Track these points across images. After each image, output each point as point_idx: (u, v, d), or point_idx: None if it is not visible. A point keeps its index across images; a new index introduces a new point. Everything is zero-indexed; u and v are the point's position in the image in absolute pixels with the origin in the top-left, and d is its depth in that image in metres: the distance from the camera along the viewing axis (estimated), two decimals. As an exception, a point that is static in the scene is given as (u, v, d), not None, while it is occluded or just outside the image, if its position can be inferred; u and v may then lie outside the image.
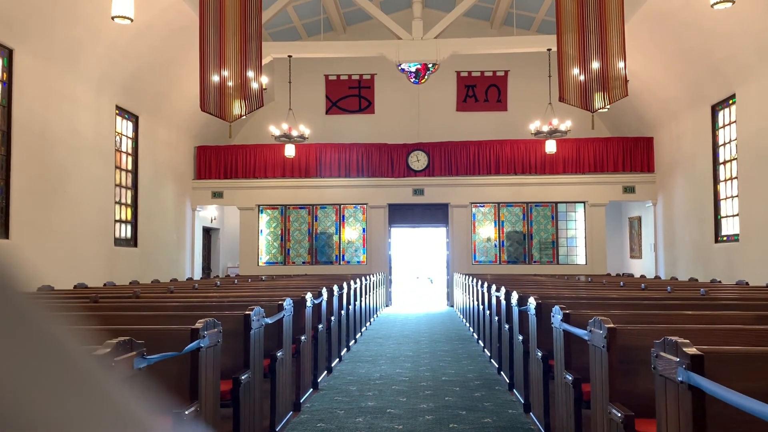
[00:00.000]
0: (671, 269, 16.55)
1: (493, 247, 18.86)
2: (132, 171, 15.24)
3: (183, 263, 17.78)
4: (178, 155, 17.63)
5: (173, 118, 16.78)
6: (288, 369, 5.54)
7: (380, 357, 9.32)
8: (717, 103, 14.27)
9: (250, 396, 4.29)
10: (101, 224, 13.48)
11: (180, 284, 10.28)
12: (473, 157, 18.39)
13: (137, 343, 2.66)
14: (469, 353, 9.68)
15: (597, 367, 3.36)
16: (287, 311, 5.36)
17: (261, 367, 4.60)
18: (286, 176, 18.53)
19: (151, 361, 2.65)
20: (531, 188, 18.36)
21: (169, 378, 3.37)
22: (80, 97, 12.62)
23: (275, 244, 19.10)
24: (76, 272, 11.86)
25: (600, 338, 3.25)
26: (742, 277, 12.45)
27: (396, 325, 13.96)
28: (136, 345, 2.63)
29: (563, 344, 4.14)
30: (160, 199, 16.47)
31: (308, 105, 19.24)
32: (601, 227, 18.36)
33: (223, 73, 7.24)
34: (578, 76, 6.96)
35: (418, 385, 7.21)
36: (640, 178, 18.06)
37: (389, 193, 18.60)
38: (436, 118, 19.45)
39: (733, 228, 13.84)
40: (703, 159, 14.91)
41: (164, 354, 2.84)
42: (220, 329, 3.66)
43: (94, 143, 13.20)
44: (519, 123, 18.51)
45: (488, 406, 6.13)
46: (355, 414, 5.83)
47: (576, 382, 3.87)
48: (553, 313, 4.44)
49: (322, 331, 7.43)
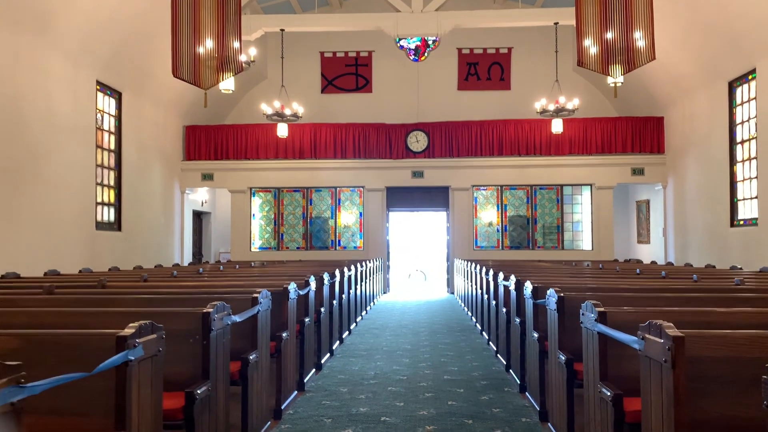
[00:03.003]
0: (682, 255, 15.77)
1: (496, 232, 18.08)
2: (115, 151, 14.40)
3: (171, 248, 16.98)
4: (166, 135, 16.77)
5: (160, 95, 15.90)
6: (265, 373, 4.76)
7: (376, 351, 8.54)
8: (735, 79, 13.42)
9: (210, 412, 3.50)
10: (80, 207, 12.66)
11: (157, 272, 9.49)
12: (475, 137, 17.55)
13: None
14: (472, 346, 8.91)
15: (654, 386, 2.57)
16: (263, 306, 4.56)
17: (226, 375, 3.81)
18: (280, 157, 17.68)
19: (34, 390, 1.85)
20: (535, 170, 17.54)
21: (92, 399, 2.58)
22: (55, 71, 11.74)
23: (268, 228, 18.31)
24: (51, 258, 11.07)
25: (659, 351, 2.46)
26: (761, 263, 11.69)
27: (394, 314, 13.20)
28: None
29: (598, 350, 3.36)
30: (146, 181, 15.64)
31: (303, 83, 18.34)
32: (609, 211, 17.57)
33: (198, 35, 6.40)
34: (600, 37, 6.12)
35: (417, 385, 6.43)
36: (649, 159, 17.24)
37: (387, 176, 17.77)
38: (436, 97, 18.57)
39: (751, 211, 13.05)
40: (719, 139, 14.08)
41: (51, 380, 2.03)
42: (163, 335, 2.86)
43: (72, 121, 12.34)
44: (523, 102, 17.65)
45: (498, 413, 5.35)
46: (344, 423, 5.05)
47: (616, 399, 3.09)
48: (583, 310, 3.65)
49: (310, 324, 6.65)
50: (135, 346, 2.53)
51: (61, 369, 2.59)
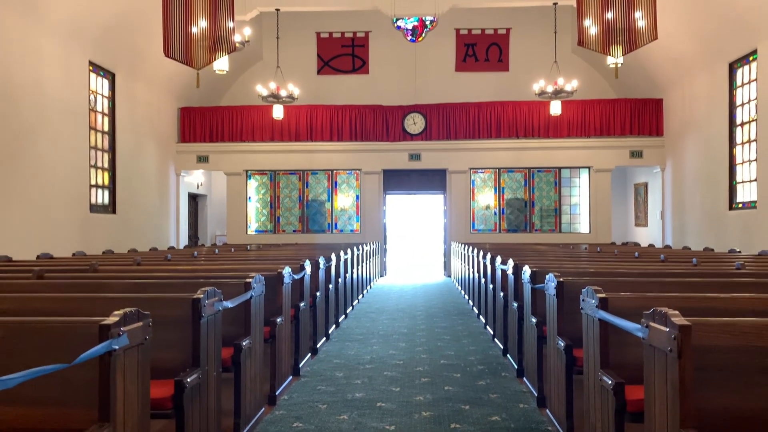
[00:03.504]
0: (680, 238, 15.72)
1: (493, 215, 17.99)
2: (109, 133, 14.22)
3: (167, 231, 16.86)
4: (160, 117, 16.58)
5: (154, 76, 15.69)
6: (258, 359, 4.68)
7: (372, 335, 8.48)
8: (736, 60, 13.26)
9: (200, 400, 3.42)
10: (74, 189, 12.52)
11: (151, 255, 9.39)
12: (473, 119, 17.39)
13: None
14: (469, 330, 8.85)
15: (658, 376, 2.48)
16: (256, 291, 4.46)
17: (218, 362, 3.72)
18: (275, 140, 17.51)
19: (8, 384, 1.75)
20: (533, 153, 17.41)
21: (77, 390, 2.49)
22: (46, 51, 11.55)
23: (264, 211, 18.19)
24: (45, 241, 10.95)
25: (664, 339, 2.37)
26: (760, 246, 11.62)
27: (391, 297, 13.14)
28: None
29: (599, 337, 3.27)
30: (140, 163, 15.48)
31: (298, 64, 18.12)
32: (607, 194, 17.48)
33: (190, 13, 6.24)
34: (601, 16, 5.98)
35: (413, 370, 6.37)
36: (648, 142, 17.11)
37: (384, 158, 17.63)
38: (433, 79, 18.36)
39: (750, 194, 12.96)
40: (718, 121, 13.95)
41: (27, 373, 1.94)
42: (149, 322, 2.77)
43: (65, 102, 12.16)
44: (521, 84, 17.47)
45: (495, 398, 5.28)
46: (340, 409, 4.98)
47: (617, 388, 3.01)
48: (584, 296, 3.56)
49: (305, 309, 6.56)
50: (119, 335, 2.43)
51: (45, 358, 2.50)
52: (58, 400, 2.54)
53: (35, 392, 2.49)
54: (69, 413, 2.54)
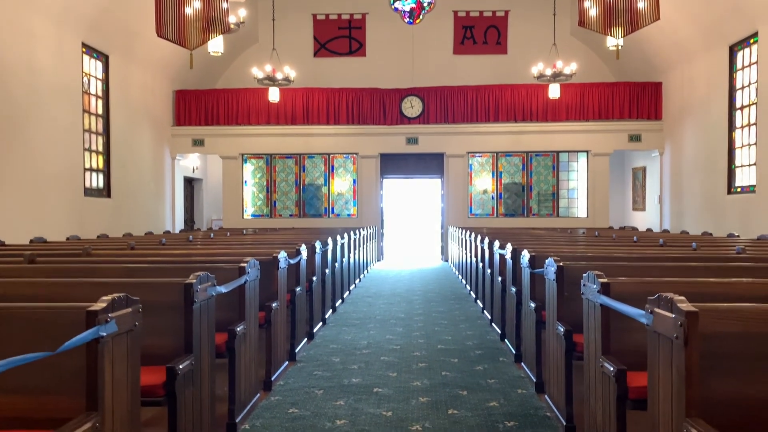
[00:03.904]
0: (678, 222, 15.67)
1: (491, 200, 17.91)
2: (103, 116, 14.07)
3: (162, 215, 16.76)
4: (155, 99, 16.41)
5: (149, 59, 15.50)
6: (253, 344, 4.61)
7: (369, 320, 8.42)
8: (736, 43, 13.14)
9: (194, 387, 3.35)
10: (68, 172, 12.39)
11: (146, 239, 9.30)
12: (471, 103, 17.26)
13: None
14: (466, 315, 8.80)
15: (663, 363, 2.41)
16: (251, 275, 4.39)
17: (211, 348, 3.65)
18: (271, 123, 17.36)
19: None
20: (531, 137, 17.29)
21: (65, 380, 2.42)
22: (38, 33, 11.37)
23: (260, 195, 18.08)
24: (39, 225, 10.86)
25: (670, 326, 2.30)
26: (758, 230, 11.58)
27: (387, 282, 13.09)
28: None
29: (600, 323, 3.21)
30: (135, 147, 15.34)
31: (295, 47, 17.92)
32: (605, 178, 17.40)
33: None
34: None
35: (410, 355, 6.31)
36: (646, 125, 17.01)
37: (381, 142, 17.50)
38: (431, 62, 18.19)
39: (748, 178, 12.90)
40: (718, 104, 13.85)
41: (8, 362, 1.85)
42: (139, 308, 2.68)
43: (58, 85, 12.00)
44: (520, 67, 17.32)
45: (493, 384, 5.23)
46: (336, 394, 4.93)
47: (619, 375, 2.94)
48: (585, 281, 3.49)
49: (301, 293, 6.49)
50: (107, 321, 2.35)
51: (31, 345, 2.43)
52: (46, 388, 2.47)
53: (22, 380, 2.41)
54: (57, 401, 2.47)
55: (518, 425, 4.21)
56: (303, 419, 4.35)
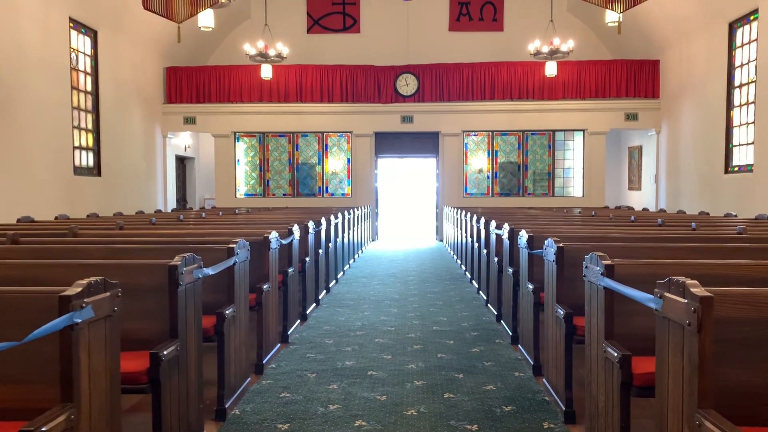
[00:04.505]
0: (674, 201, 15.57)
1: (486, 179, 17.75)
2: (92, 93, 13.80)
3: (154, 194, 16.55)
4: (145, 76, 16.12)
5: (138, 34, 15.19)
6: (243, 327, 4.47)
7: (363, 301, 8.31)
8: (736, 20, 12.93)
9: (179, 373, 3.21)
10: (57, 150, 12.16)
11: (136, 219, 9.12)
12: (466, 80, 17.03)
13: None
14: (462, 296, 8.70)
15: (673, 351, 2.28)
16: (240, 257, 4.24)
17: (198, 332, 3.51)
18: (264, 101, 17.10)
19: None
20: (527, 115, 17.10)
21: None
22: (24, 7, 11.07)
23: (253, 174, 17.87)
24: (27, 204, 10.65)
25: (682, 312, 2.16)
26: (755, 210, 11.48)
27: (382, 262, 12.97)
28: None
29: (604, 306, 3.07)
30: (125, 124, 15.08)
31: (288, 23, 17.61)
32: (601, 157, 17.26)
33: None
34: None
35: (405, 337, 6.20)
36: (643, 104, 16.84)
37: (376, 121, 17.28)
38: (426, 39, 17.91)
39: (746, 158, 12.77)
40: (716, 82, 13.68)
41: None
42: (118, 292, 2.53)
43: (44, 60, 11.72)
44: (516, 44, 17.08)
45: (489, 366, 5.13)
46: (329, 378, 4.81)
47: (624, 361, 2.82)
48: (587, 263, 3.36)
49: (294, 274, 6.35)
50: (82, 307, 2.20)
51: (4, 333, 2.29)
52: (22, 377, 2.32)
53: (-6, 369, 2.27)
54: (33, 391, 2.32)
55: (516, 410, 4.11)
56: (295, 404, 4.23)
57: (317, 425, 3.84)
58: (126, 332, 3.19)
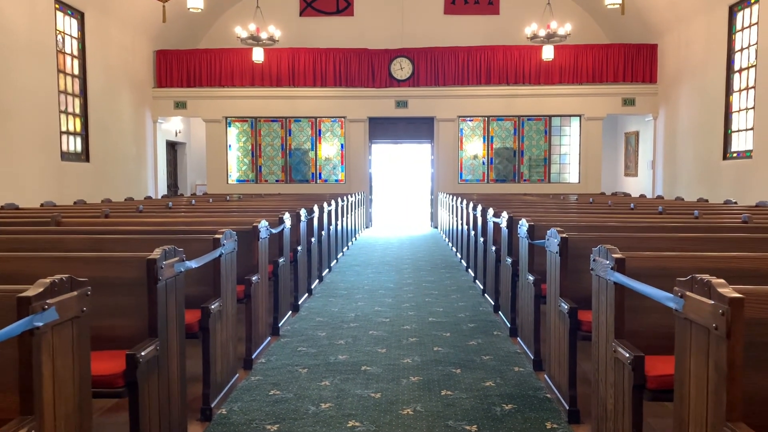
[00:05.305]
0: (671, 188, 15.40)
1: (481, 165, 17.54)
2: (80, 76, 13.47)
3: (144, 180, 16.26)
4: (135, 60, 15.77)
5: (127, 16, 14.83)
6: (230, 322, 4.26)
7: (357, 290, 8.10)
8: (736, 3, 12.70)
9: (160, 374, 3.00)
10: (43, 135, 11.86)
11: (123, 206, 8.87)
12: (462, 65, 16.75)
13: None
14: (458, 285, 8.50)
15: (697, 356, 2.08)
16: (226, 248, 4.02)
17: (180, 330, 3.29)
18: (256, 85, 16.80)
19: None
20: (524, 100, 16.86)
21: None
22: (6, -13, 10.74)
23: (245, 160, 17.60)
24: (13, 190, 10.39)
25: (708, 314, 1.96)
26: (753, 196, 11.32)
27: (376, 249, 12.76)
28: None
29: (614, 303, 2.87)
30: (114, 109, 14.77)
31: (280, 5, 17.28)
32: (597, 143, 17.06)
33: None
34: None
35: (400, 329, 6.00)
36: (641, 89, 16.61)
37: (370, 105, 17.00)
38: (421, 22, 17.60)
39: (745, 143, 12.59)
40: (715, 67, 13.46)
41: None
42: (87, 291, 2.31)
43: (29, 43, 11.39)
44: (512, 28, 16.80)
45: (488, 361, 4.94)
46: (321, 374, 4.61)
47: (636, 363, 2.62)
48: (595, 255, 3.16)
49: (285, 264, 6.13)
50: (44, 309, 1.98)
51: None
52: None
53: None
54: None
55: (517, 408, 3.92)
56: (285, 402, 4.03)
57: (308, 426, 3.64)
58: (102, 330, 2.98)
